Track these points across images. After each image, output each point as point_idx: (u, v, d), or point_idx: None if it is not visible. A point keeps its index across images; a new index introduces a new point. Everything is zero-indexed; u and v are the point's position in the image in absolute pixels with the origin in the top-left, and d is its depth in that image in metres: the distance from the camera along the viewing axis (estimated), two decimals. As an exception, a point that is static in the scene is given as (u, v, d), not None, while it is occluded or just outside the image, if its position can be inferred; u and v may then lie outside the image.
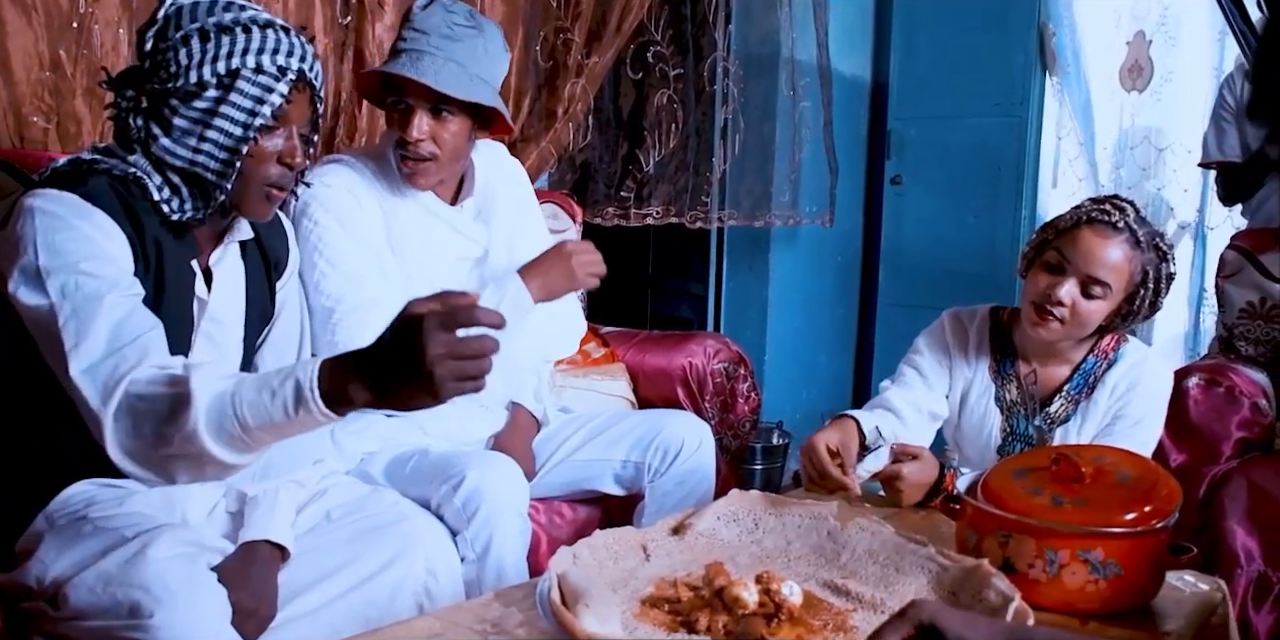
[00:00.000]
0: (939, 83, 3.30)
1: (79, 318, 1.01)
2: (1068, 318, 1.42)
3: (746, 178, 2.85)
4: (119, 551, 1.01)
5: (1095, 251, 1.40)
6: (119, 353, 0.99)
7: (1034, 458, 1.23)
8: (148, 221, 1.12)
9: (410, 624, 1.03)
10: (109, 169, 1.12)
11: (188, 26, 1.10)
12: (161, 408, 0.95)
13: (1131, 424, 1.46)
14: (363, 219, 1.48)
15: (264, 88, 1.11)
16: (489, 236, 1.62)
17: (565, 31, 2.33)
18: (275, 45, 1.11)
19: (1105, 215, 1.41)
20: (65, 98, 1.55)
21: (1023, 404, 1.54)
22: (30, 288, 1.04)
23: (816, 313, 3.42)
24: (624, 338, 2.15)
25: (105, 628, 0.98)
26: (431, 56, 1.43)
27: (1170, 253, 1.44)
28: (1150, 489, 1.13)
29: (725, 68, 2.71)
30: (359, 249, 1.46)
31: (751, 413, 2.12)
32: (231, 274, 1.26)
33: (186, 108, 1.11)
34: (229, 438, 0.93)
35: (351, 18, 1.96)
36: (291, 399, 0.91)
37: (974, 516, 1.19)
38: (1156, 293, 1.43)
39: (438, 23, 1.44)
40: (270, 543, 1.13)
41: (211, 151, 1.12)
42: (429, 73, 1.41)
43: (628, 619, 0.99)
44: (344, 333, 1.41)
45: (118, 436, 0.96)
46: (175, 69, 1.10)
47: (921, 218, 3.39)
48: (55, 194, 1.07)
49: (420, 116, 1.44)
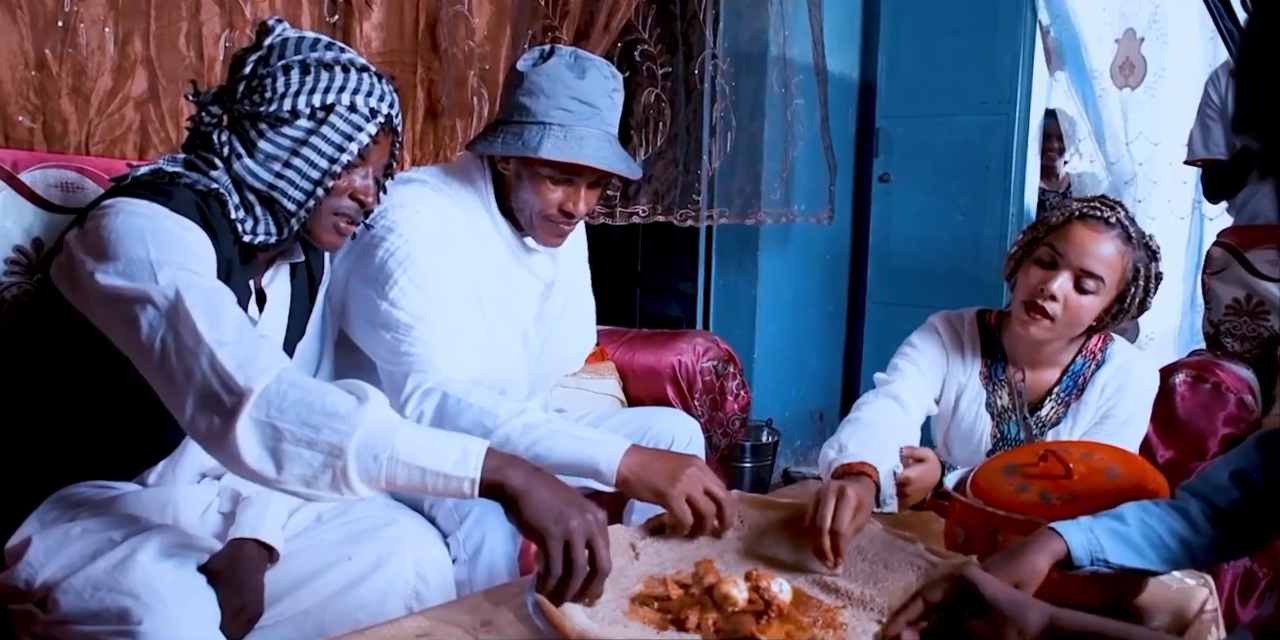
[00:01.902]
0: (927, 81, 3.31)
1: (209, 303, 0.99)
2: (1059, 314, 1.40)
3: (737, 176, 2.85)
4: (108, 556, 1.01)
5: (1089, 245, 1.39)
6: (255, 342, 0.98)
7: (1022, 454, 1.24)
8: (222, 239, 1.13)
9: (400, 622, 1.03)
10: (191, 183, 1.12)
11: (290, 57, 1.15)
12: (322, 399, 0.94)
13: (1119, 423, 1.47)
14: (453, 249, 1.43)
15: (354, 126, 1.16)
16: (555, 271, 1.59)
17: (553, 30, 2.33)
18: (370, 89, 1.17)
19: (1097, 211, 1.41)
20: (51, 97, 1.54)
21: (1014, 409, 1.53)
22: (138, 277, 1.00)
23: (806, 311, 3.43)
24: (613, 336, 2.16)
25: (95, 633, 0.98)
26: (601, 135, 1.39)
27: (1159, 253, 1.44)
28: (1137, 485, 1.14)
29: (714, 66, 2.71)
30: (448, 276, 1.40)
31: (741, 411, 2.12)
32: (280, 295, 1.28)
33: (275, 133, 1.14)
34: (370, 458, 0.94)
35: (339, 17, 1.96)
36: (454, 458, 0.97)
37: (963, 513, 1.20)
38: (1146, 291, 1.43)
39: (601, 92, 1.39)
40: (259, 542, 1.13)
41: (293, 179, 1.14)
42: (613, 159, 1.39)
43: (617, 617, 0.99)
44: (422, 349, 1.36)
45: (260, 412, 0.93)
46: (270, 94, 1.13)
47: (910, 216, 3.40)
48: (145, 205, 1.07)
49: (585, 192, 1.43)
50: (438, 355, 1.35)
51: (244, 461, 0.94)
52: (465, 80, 2.15)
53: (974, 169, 3.27)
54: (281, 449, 0.94)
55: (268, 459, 0.94)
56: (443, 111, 2.12)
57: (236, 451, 0.94)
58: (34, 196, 1.40)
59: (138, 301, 0.99)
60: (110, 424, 1.14)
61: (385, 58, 2.02)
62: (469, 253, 1.45)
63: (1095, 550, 1.02)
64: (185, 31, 1.66)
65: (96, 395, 1.12)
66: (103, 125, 1.60)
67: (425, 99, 2.11)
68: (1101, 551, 1.01)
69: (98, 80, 1.58)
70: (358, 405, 0.95)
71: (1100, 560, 1.02)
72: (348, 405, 0.95)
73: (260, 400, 0.93)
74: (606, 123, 1.41)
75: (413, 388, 1.34)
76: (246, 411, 0.93)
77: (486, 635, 0.98)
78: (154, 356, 0.98)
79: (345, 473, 0.94)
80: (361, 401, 0.96)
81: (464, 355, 1.38)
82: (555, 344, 1.61)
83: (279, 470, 0.94)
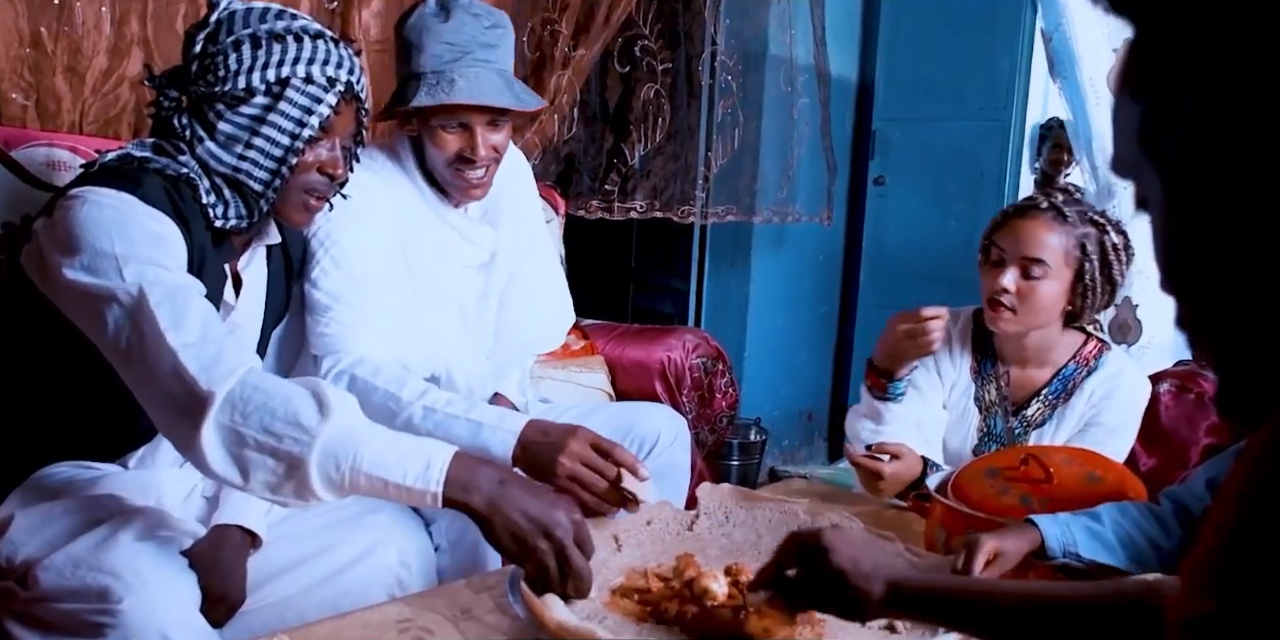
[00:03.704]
0: (924, 85, 3.32)
1: (173, 301, 0.97)
2: (1018, 305, 1.46)
3: (736, 174, 2.85)
4: (90, 535, 1.00)
5: (1023, 234, 1.46)
6: (220, 341, 0.96)
7: (1004, 458, 1.25)
8: (194, 226, 1.10)
9: (382, 608, 1.03)
10: (161, 169, 1.09)
11: (240, 32, 1.09)
12: (284, 406, 0.92)
13: (1104, 433, 1.48)
14: (377, 223, 1.42)
15: (313, 98, 1.11)
16: (496, 240, 1.56)
17: (553, 24, 2.33)
18: (325, 56, 1.12)
19: (1028, 201, 1.48)
20: (45, 75, 1.53)
21: (1000, 405, 1.56)
22: (103, 273, 0.98)
23: (797, 311, 3.44)
24: (604, 331, 2.16)
25: (74, 611, 0.97)
26: (480, 71, 1.37)
27: (1112, 224, 1.48)
28: (1115, 490, 1.15)
29: (715, 63, 2.71)
30: (370, 252, 1.40)
31: (729, 408, 2.13)
32: (257, 278, 1.25)
33: (233, 113, 1.10)
34: (332, 467, 0.93)
35: (338, 3, 1.95)
36: (416, 469, 0.94)
37: (943, 515, 1.20)
38: (1105, 264, 1.46)
39: (472, 32, 1.37)
40: (242, 528, 1.13)
41: (256, 159, 1.11)
42: (491, 92, 1.37)
43: (597, 609, 1.00)
44: (336, 329, 1.35)
45: (224, 418, 0.92)
46: (224, 73, 1.09)
47: (904, 219, 3.41)
48: (114, 194, 1.04)
49: (481, 132, 1.40)
50: (353, 336, 1.34)
51: (210, 468, 0.94)
52: (464, 71, 2.15)
53: (969, 174, 3.28)
54: (245, 456, 0.93)
55: (233, 466, 0.94)
56: (440, 101, 2.12)
57: (203, 457, 0.94)
58: (25, 174, 1.39)
59: (102, 299, 0.98)
60: (90, 410, 1.14)
61: (384, 46, 2.01)
62: (394, 225, 1.44)
63: (1068, 543, 1.05)
64: (183, 13, 1.66)
65: (76, 381, 1.11)
66: (97, 105, 1.59)
67: (423, 88, 2.10)
68: (1074, 545, 1.05)
69: (93, 59, 1.57)
70: (319, 413, 0.93)
71: (1072, 553, 1.05)
72: (309, 413, 0.93)
73: (224, 405, 0.92)
74: (484, 60, 1.38)
75: (325, 370, 1.33)
76: (211, 416, 0.92)
77: (467, 623, 0.99)
78: (120, 355, 0.98)
79: (307, 482, 0.93)
80: (324, 408, 0.93)
81: (384, 336, 1.36)
82: (511, 324, 1.57)
83: (245, 478, 0.94)
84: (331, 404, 0.94)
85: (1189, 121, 0.42)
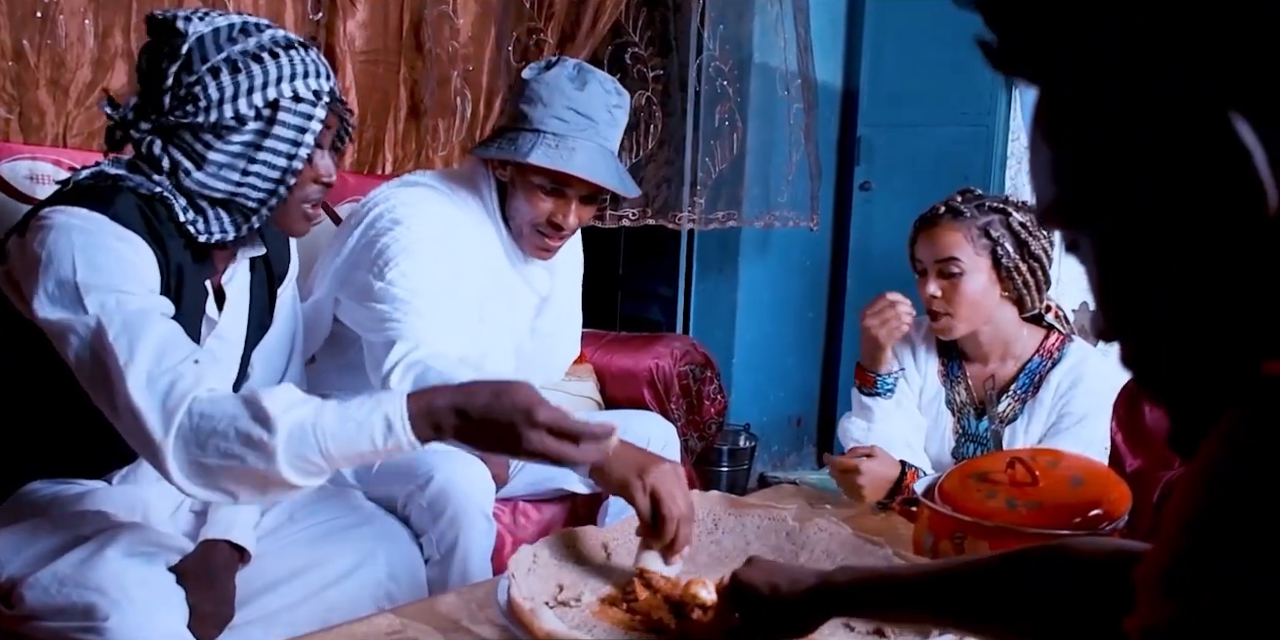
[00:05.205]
0: (908, 91, 3.34)
1: (130, 332, 0.96)
2: (948, 308, 1.51)
3: (729, 180, 2.86)
4: (76, 551, 1.00)
5: (931, 240, 1.51)
6: (174, 370, 0.95)
7: (991, 462, 1.26)
8: (171, 245, 1.09)
9: (371, 620, 1.03)
10: (135, 187, 1.08)
11: (214, 58, 1.07)
12: (232, 428, 0.92)
13: (1075, 421, 1.50)
14: (458, 253, 1.42)
15: (304, 116, 1.11)
16: (550, 286, 1.58)
17: (538, 32, 2.34)
18: (305, 68, 1.11)
19: (929, 211, 1.54)
20: (28, 88, 1.53)
21: (971, 405, 1.59)
22: (65, 303, 0.98)
23: (785, 317, 3.44)
24: (592, 338, 2.16)
25: (61, 629, 0.97)
26: (597, 148, 1.38)
27: (1015, 205, 1.51)
28: (1100, 492, 1.16)
29: (707, 70, 2.73)
30: (450, 276, 1.39)
31: (718, 415, 2.13)
32: (240, 292, 1.24)
33: (224, 142, 1.08)
34: (303, 463, 0.92)
35: (323, 14, 1.95)
36: (380, 431, 0.93)
37: (930, 518, 1.21)
38: (1020, 243, 1.49)
39: (600, 106, 1.38)
40: (230, 543, 1.12)
41: (255, 183, 1.10)
42: (604, 171, 1.38)
43: (586, 618, 1.00)
44: (415, 319, 1.33)
45: (181, 453, 0.92)
46: (205, 103, 1.06)
47: (890, 224, 3.42)
48: (85, 213, 1.02)
49: (576, 205, 1.42)
50: (429, 329, 1.33)
51: (193, 495, 0.95)
52: (449, 80, 2.15)
53: (953, 179, 3.26)
54: (219, 480, 0.93)
55: (212, 491, 0.94)
56: (425, 111, 2.12)
57: (182, 487, 0.94)
58: (8, 188, 1.39)
59: (66, 330, 0.98)
60: (74, 428, 1.12)
61: (369, 56, 2.02)
62: (474, 260, 1.45)
63: None
64: (167, 26, 1.66)
65: (59, 399, 1.10)
66: (81, 118, 1.59)
67: (408, 98, 2.11)
68: None
69: (76, 72, 1.57)
70: (263, 427, 0.91)
71: None
72: (255, 429, 0.91)
73: (178, 442, 0.92)
74: (603, 137, 1.41)
75: (398, 358, 1.31)
76: (170, 454, 0.92)
77: (456, 634, 0.99)
78: (87, 383, 0.98)
79: (290, 483, 0.93)
80: (266, 420, 0.91)
81: (454, 343, 1.36)
82: (541, 356, 1.62)
83: (232, 496, 0.95)
84: (270, 411, 0.92)
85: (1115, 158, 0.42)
